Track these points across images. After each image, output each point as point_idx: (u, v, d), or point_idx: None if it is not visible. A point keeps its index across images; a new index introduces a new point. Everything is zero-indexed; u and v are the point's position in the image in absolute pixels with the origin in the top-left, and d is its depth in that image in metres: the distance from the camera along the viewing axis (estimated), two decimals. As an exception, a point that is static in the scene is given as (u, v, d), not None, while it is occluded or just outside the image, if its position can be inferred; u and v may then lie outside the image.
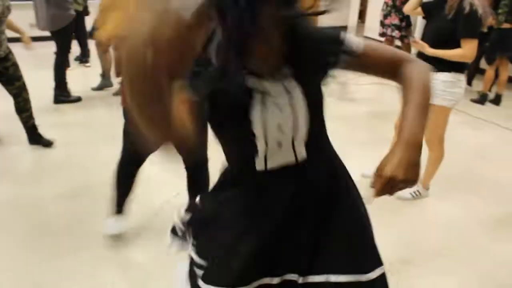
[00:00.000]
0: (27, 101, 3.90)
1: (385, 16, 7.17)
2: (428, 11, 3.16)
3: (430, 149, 3.25)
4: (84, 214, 3.07)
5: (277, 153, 1.21)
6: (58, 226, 2.95)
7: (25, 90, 3.85)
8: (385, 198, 1.12)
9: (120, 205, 2.76)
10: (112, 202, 2.75)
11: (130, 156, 2.63)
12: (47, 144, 4.07)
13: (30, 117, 3.97)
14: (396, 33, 7.22)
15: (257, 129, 1.16)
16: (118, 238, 2.82)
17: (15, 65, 3.69)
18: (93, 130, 4.45)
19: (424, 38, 3.09)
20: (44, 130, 4.13)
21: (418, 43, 3.01)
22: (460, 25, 2.84)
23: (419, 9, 3.24)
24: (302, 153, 1.23)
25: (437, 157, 3.27)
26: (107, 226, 2.80)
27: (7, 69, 3.65)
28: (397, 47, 7.66)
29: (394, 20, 7.09)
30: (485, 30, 5.07)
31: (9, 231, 2.91)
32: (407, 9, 3.38)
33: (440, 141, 3.21)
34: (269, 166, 1.22)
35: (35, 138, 4.06)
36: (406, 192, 3.40)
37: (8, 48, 3.64)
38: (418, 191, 3.39)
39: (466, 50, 2.86)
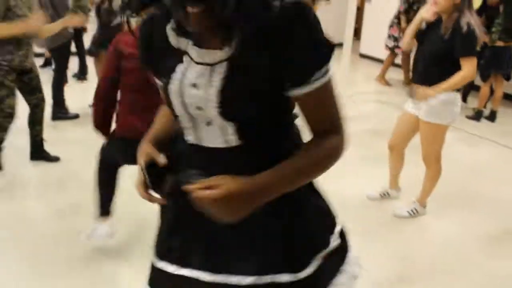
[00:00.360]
0: (43, 113, 3.98)
1: (389, 27, 7.28)
2: (421, 37, 3.18)
3: (427, 166, 3.27)
4: (84, 231, 3.06)
5: (208, 132, 1.12)
6: (58, 243, 2.94)
7: (44, 102, 3.94)
8: (383, 215, 1.11)
9: (104, 206, 2.78)
10: (97, 204, 2.79)
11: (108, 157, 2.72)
12: (54, 159, 4.09)
13: (41, 131, 4.03)
14: (389, 43, 7.31)
15: (174, 101, 1.11)
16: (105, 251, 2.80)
17: (38, 77, 3.83)
18: (91, 147, 4.42)
19: (416, 62, 3.13)
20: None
21: (421, 93, 3.03)
22: (458, 44, 2.87)
23: (414, 40, 3.24)
24: (231, 140, 1.10)
25: (434, 175, 3.28)
26: (94, 234, 2.77)
27: (31, 80, 3.77)
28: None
29: (394, 32, 7.18)
30: (478, 48, 5.13)
31: (6, 247, 2.89)
32: (406, 47, 3.38)
33: (437, 158, 3.23)
34: (202, 143, 1.15)
35: (39, 153, 4.06)
36: (403, 210, 3.40)
37: (33, 60, 3.75)
38: (415, 209, 3.40)
39: (467, 69, 2.89)
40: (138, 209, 2.84)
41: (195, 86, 1.06)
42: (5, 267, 2.71)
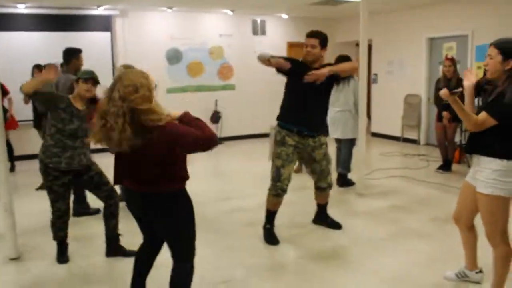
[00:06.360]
0: (117, 205, 3.60)
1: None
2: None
3: (493, 246, 2.71)
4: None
5: None
6: None
7: (115, 193, 3.59)
8: None
9: None
10: None
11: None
12: (130, 254, 3.39)
13: (117, 225, 3.61)
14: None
15: None
16: None
17: (99, 174, 3.59)
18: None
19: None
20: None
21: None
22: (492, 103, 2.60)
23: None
24: None
25: (504, 256, 2.69)
26: None
27: (92, 178, 3.55)
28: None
29: None
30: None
31: None
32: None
33: (502, 237, 2.71)
34: None
35: (115, 249, 3.62)
36: None
37: (89, 160, 3.57)
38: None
39: (479, 120, 2.60)
40: None
41: None
42: None
